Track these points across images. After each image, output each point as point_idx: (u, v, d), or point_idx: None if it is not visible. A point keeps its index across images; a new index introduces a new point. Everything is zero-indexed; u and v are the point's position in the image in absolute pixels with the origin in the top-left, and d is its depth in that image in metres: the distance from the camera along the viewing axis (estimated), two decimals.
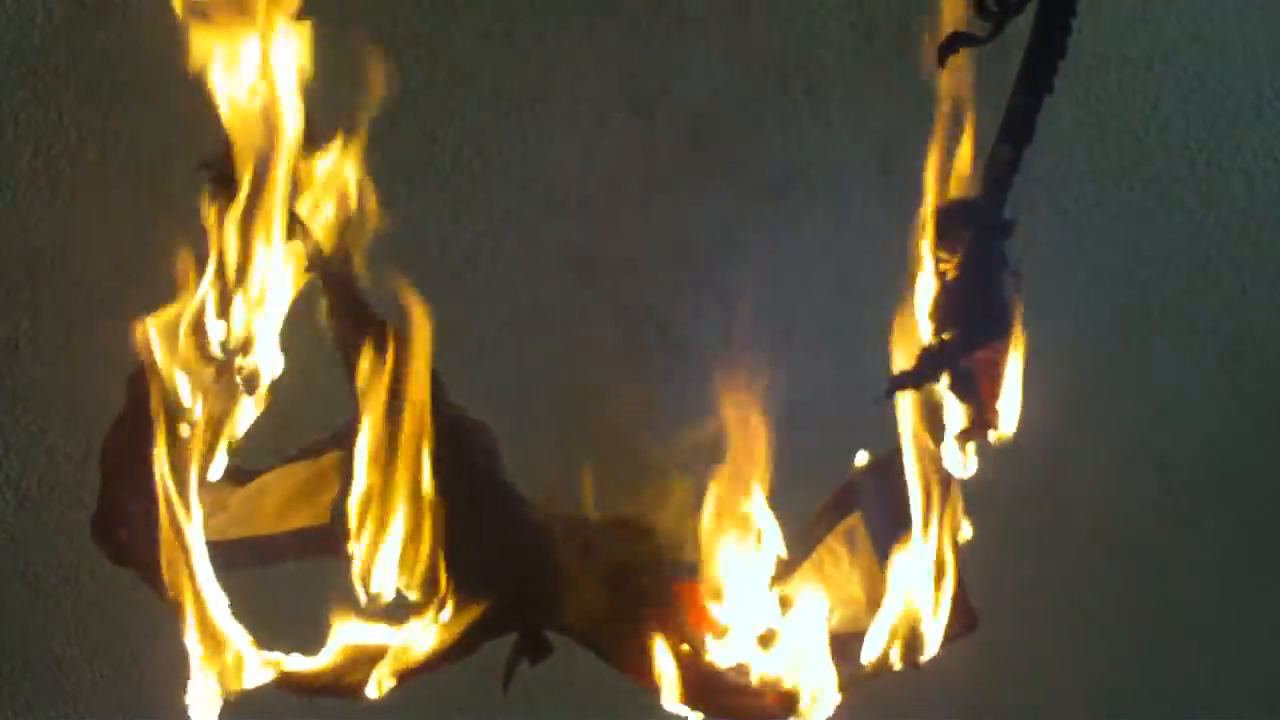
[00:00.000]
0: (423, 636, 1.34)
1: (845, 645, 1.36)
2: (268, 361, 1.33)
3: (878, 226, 1.87)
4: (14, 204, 1.84)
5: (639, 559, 1.37)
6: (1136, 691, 2.06)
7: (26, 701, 1.92)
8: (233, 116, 1.30)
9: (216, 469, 1.35)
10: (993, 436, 1.32)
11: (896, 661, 1.36)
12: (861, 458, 1.39)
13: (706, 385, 1.38)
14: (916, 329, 1.32)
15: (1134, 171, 1.97)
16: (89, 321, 1.84)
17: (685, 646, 1.35)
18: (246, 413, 1.35)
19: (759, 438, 1.37)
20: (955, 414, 1.32)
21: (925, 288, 1.32)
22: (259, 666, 1.32)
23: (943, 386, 1.31)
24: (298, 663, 1.33)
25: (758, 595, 1.35)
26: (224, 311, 1.31)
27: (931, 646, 1.36)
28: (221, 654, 1.31)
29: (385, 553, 1.32)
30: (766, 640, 1.35)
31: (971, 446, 1.32)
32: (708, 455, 1.37)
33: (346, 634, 1.34)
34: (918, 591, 1.35)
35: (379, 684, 1.34)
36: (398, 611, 1.34)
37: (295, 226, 1.33)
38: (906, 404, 1.34)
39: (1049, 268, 1.85)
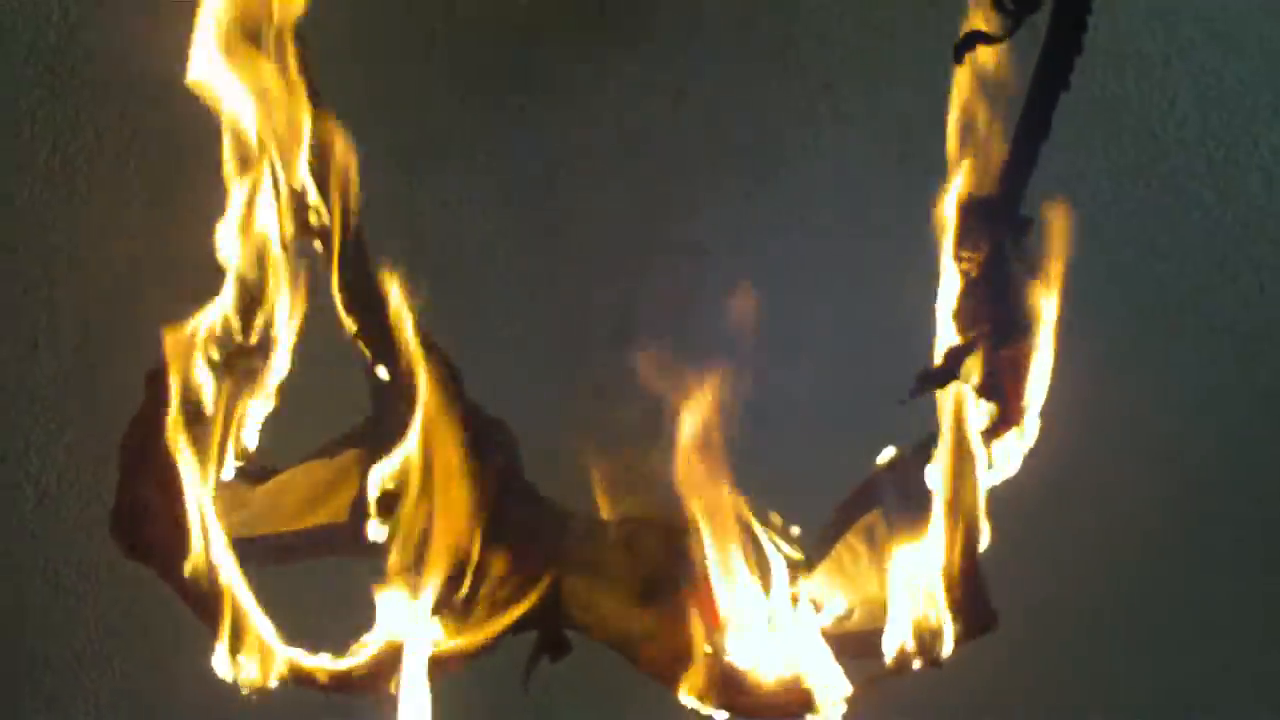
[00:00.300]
0: (444, 635, 1.34)
1: (865, 643, 1.37)
2: (281, 359, 1.33)
3: (895, 223, 1.87)
4: (31, 202, 1.84)
5: (659, 558, 1.37)
6: (1153, 689, 2.06)
7: (47, 699, 1.92)
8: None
9: (229, 468, 1.35)
10: (1016, 435, 1.32)
11: (916, 660, 1.36)
12: (886, 455, 1.39)
13: (718, 383, 1.38)
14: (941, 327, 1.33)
15: (1150, 168, 1.97)
16: (107, 319, 1.84)
17: (706, 645, 1.35)
18: (261, 410, 1.36)
19: (769, 436, 1.37)
20: (981, 412, 1.32)
21: (948, 286, 1.32)
22: (282, 664, 1.32)
23: (968, 385, 1.31)
24: (320, 660, 1.34)
25: (777, 594, 1.36)
26: (241, 309, 1.31)
27: (950, 645, 1.36)
28: (244, 651, 1.32)
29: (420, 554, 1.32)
30: (786, 639, 1.35)
31: (1002, 447, 1.32)
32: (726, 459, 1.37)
33: (369, 632, 1.34)
34: (937, 589, 1.35)
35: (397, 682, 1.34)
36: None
37: (310, 223, 1.33)
38: (938, 401, 1.33)
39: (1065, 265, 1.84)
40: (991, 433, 1.32)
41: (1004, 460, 1.34)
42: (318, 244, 1.35)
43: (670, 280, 1.90)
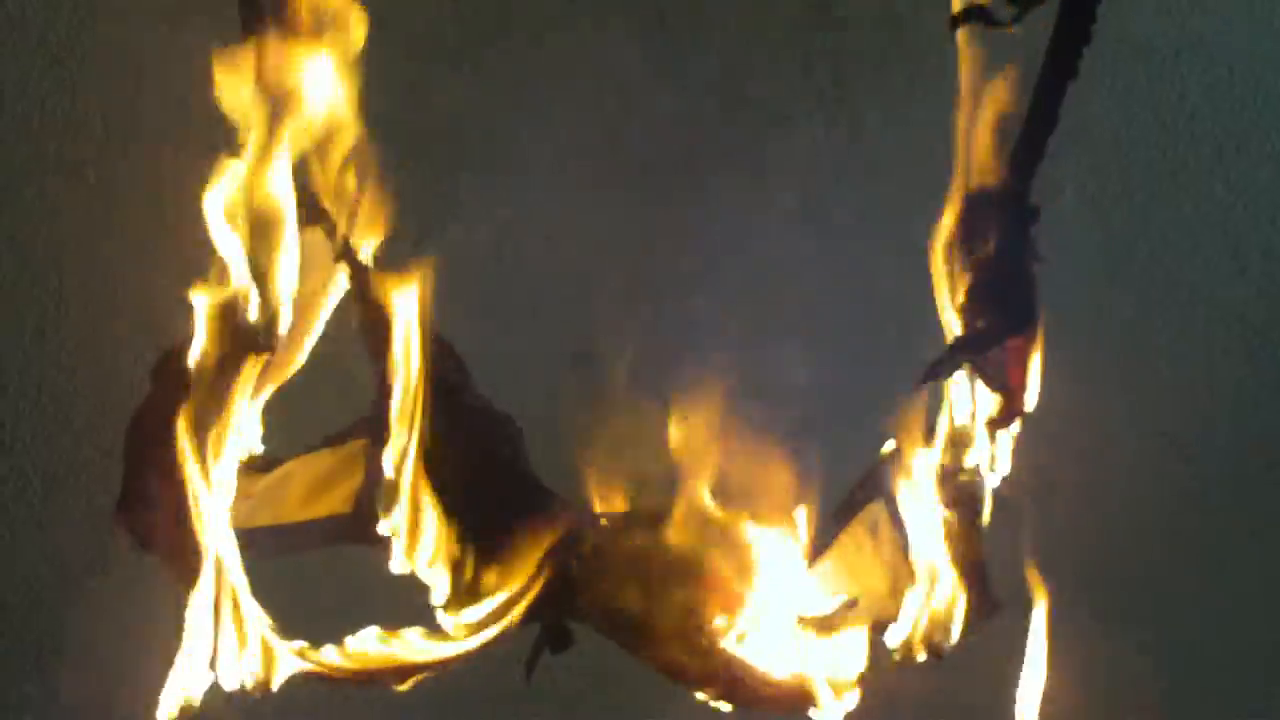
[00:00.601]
0: (449, 629, 1.34)
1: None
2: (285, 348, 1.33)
3: (905, 217, 1.86)
4: (40, 193, 1.85)
5: (665, 551, 1.37)
6: (1162, 683, 2.05)
7: (54, 688, 1.93)
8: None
9: (233, 460, 1.35)
10: (1019, 426, 1.32)
11: (919, 651, 1.36)
12: (889, 446, 1.39)
13: (727, 380, 1.38)
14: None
15: (1161, 160, 1.96)
16: (114, 309, 1.85)
17: (710, 636, 1.35)
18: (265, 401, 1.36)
19: (778, 431, 1.37)
20: (985, 402, 1.32)
21: (954, 277, 1.32)
22: (287, 657, 1.32)
23: (974, 375, 1.31)
24: (326, 654, 1.33)
25: (783, 585, 1.35)
26: (250, 300, 1.31)
27: (954, 635, 1.36)
28: (249, 644, 1.31)
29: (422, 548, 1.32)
30: (791, 630, 1.35)
31: (1003, 441, 1.32)
32: (728, 450, 1.37)
33: (375, 626, 1.34)
34: (940, 580, 1.35)
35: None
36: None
37: (320, 216, 1.33)
38: (943, 392, 1.34)
39: (1075, 256, 1.84)
40: (996, 423, 1.32)
41: (1006, 451, 1.34)
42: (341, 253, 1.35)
43: (674, 277, 1.91)
